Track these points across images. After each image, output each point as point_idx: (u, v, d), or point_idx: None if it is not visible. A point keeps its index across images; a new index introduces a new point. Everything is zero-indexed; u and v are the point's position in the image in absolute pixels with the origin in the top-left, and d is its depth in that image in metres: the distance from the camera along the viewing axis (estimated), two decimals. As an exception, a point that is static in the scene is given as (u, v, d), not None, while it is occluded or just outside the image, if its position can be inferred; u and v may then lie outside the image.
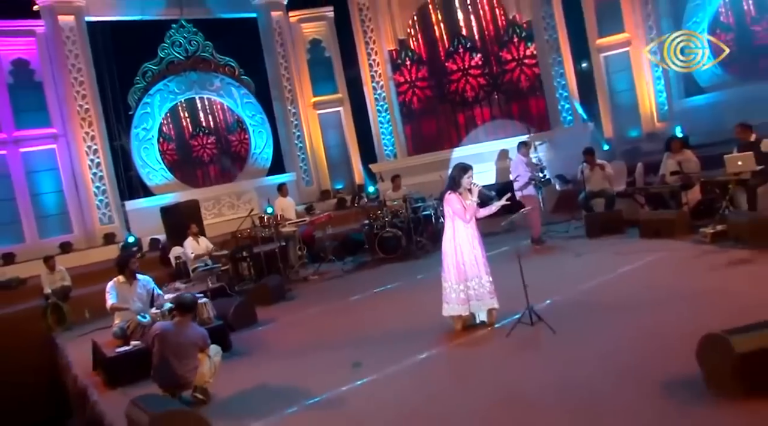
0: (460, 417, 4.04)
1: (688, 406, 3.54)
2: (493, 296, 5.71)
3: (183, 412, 4.31)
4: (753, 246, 6.83)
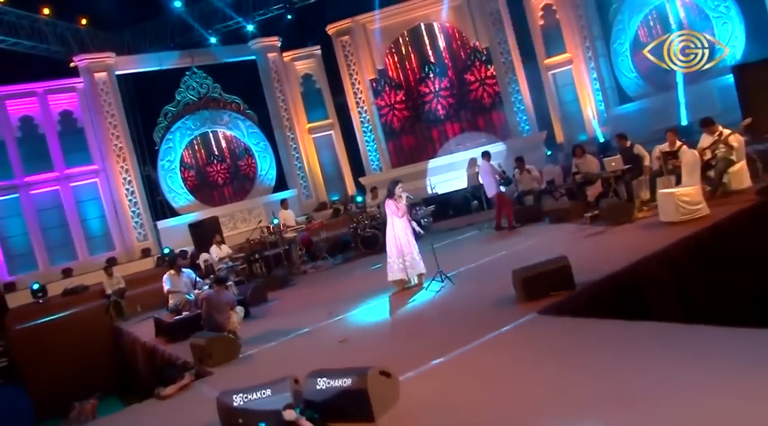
0: (395, 328, 7.01)
1: (504, 306, 6.44)
2: (421, 265, 8.65)
3: (223, 337, 7.30)
4: (609, 223, 9.71)
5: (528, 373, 4.61)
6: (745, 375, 3.57)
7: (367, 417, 4.20)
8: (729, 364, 3.82)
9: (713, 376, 3.69)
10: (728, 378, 3.60)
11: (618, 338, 4.90)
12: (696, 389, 3.58)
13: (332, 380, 4.39)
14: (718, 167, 9.67)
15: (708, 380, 3.65)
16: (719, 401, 3.37)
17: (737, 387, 3.48)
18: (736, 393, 3.41)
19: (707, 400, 3.41)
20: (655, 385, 3.73)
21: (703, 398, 3.45)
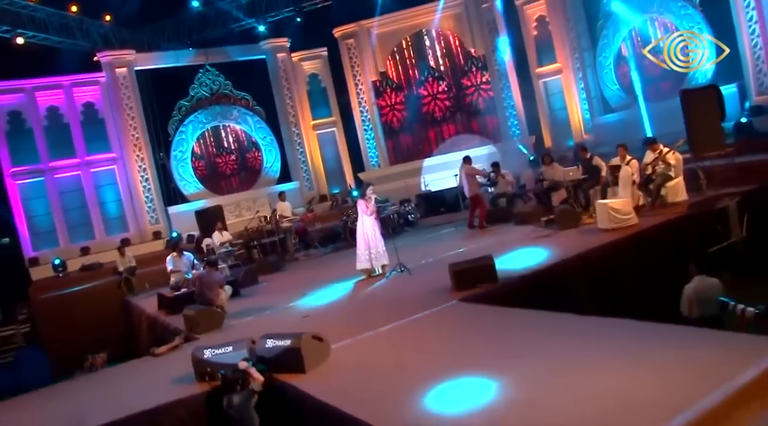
0: (348, 306, 8.42)
1: (438, 294, 7.79)
2: (385, 257, 10.03)
3: (211, 310, 8.75)
4: (560, 227, 11.00)
5: (436, 344, 5.99)
6: (613, 356, 4.62)
7: (300, 369, 5.61)
8: (603, 346, 4.86)
9: (587, 352, 4.79)
10: (601, 357, 4.64)
11: (520, 322, 6.19)
12: (567, 357, 4.75)
13: (277, 341, 5.81)
14: (657, 182, 10.92)
15: (581, 355, 4.75)
16: (588, 371, 4.47)
17: (609, 364, 4.51)
18: (609, 370, 4.41)
19: (576, 367, 4.56)
20: (537, 352, 5.00)
21: (573, 365, 4.60)
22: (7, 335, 15.22)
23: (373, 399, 4.75)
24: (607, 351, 4.77)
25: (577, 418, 3.75)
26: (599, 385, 4.17)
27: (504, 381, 4.55)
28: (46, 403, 6.73)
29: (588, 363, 4.59)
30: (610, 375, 4.29)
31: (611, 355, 4.65)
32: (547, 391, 4.25)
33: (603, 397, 3.98)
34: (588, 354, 4.77)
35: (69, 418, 5.48)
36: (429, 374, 4.98)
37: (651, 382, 4.01)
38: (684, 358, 4.27)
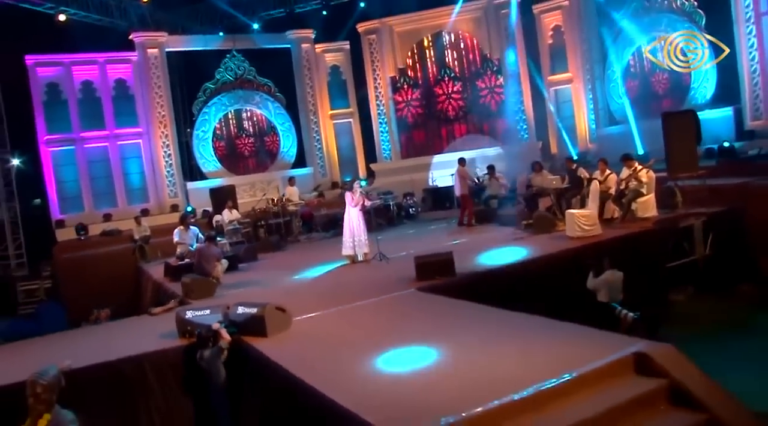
0: (322, 286, 9.46)
1: (401, 282, 8.77)
2: (367, 246, 11.04)
3: (205, 280, 9.85)
4: (535, 232, 11.88)
5: (385, 323, 6.99)
6: (515, 340, 5.67)
7: (263, 334, 6.66)
8: (511, 333, 5.92)
9: (499, 336, 5.87)
10: (507, 340, 5.70)
11: (460, 311, 7.11)
12: (485, 338, 5.81)
13: (246, 308, 6.86)
14: (628, 197, 11.71)
15: (495, 337, 5.82)
16: (495, 348, 5.61)
17: (509, 345, 5.60)
18: (507, 350, 5.48)
19: (488, 345, 5.65)
20: (465, 333, 6.02)
21: (486, 344, 5.69)
22: (32, 289, 16.71)
23: (316, 362, 5.77)
24: (512, 336, 5.79)
25: (482, 375, 4.88)
26: (498, 358, 5.23)
27: (440, 350, 5.60)
28: (52, 345, 7.91)
29: (497, 343, 5.65)
30: (507, 353, 5.31)
31: (513, 339, 5.69)
32: (467, 358, 5.32)
33: (498, 366, 5.06)
34: (500, 337, 5.83)
35: (66, 357, 6.57)
36: (376, 344, 5.99)
37: (528, 361, 5.00)
38: (558, 347, 5.23)
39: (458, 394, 4.53)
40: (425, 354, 5.56)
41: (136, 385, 6.41)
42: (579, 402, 4.45)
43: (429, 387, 4.77)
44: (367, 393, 4.72)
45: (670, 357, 4.69)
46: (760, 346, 8.65)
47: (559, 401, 4.45)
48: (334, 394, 4.63)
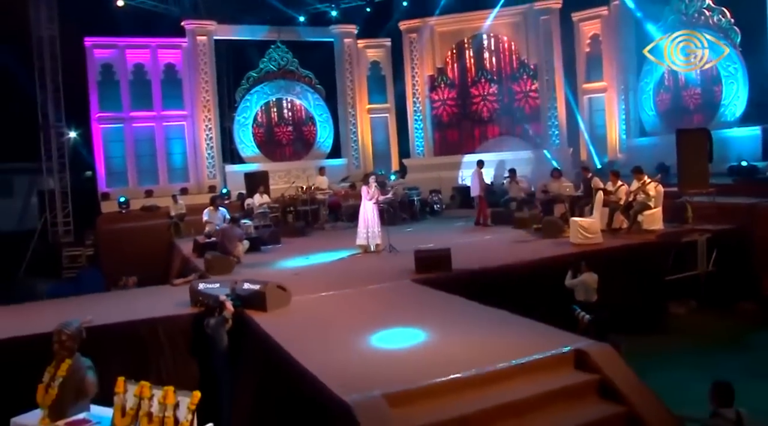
0: (331, 271, 10.21)
1: (401, 273, 9.45)
2: (379, 238, 11.75)
3: (225, 258, 10.72)
4: (543, 236, 12.38)
5: (374, 307, 7.69)
6: (488, 330, 6.40)
7: (263, 308, 7.44)
8: (488, 325, 6.58)
9: (478, 326, 6.59)
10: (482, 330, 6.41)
11: (448, 303, 7.74)
12: (465, 327, 6.46)
13: (251, 285, 7.66)
14: (635, 209, 12.10)
15: (475, 327, 6.55)
16: (472, 337, 6.33)
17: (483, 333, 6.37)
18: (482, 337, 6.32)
19: (467, 333, 6.37)
20: (449, 321, 6.68)
21: (466, 332, 6.40)
22: (75, 255, 18.02)
23: (301, 335, 6.51)
24: (479, 326, 6.47)
25: (441, 356, 5.57)
26: (460, 343, 5.91)
27: (413, 333, 6.31)
28: (83, 304, 8.86)
29: (464, 331, 6.31)
30: (469, 340, 5.97)
31: (479, 329, 6.37)
32: (433, 342, 6.06)
33: (458, 349, 5.74)
34: (468, 326, 6.49)
35: (93, 315, 7.46)
36: (358, 325, 6.72)
37: (485, 347, 5.67)
38: (514, 338, 5.86)
39: (414, 369, 5.21)
40: (400, 335, 6.26)
41: (149, 345, 7.28)
42: (519, 385, 5.08)
43: (392, 362, 5.47)
44: (336, 363, 5.43)
45: (605, 356, 5.26)
46: (748, 361, 9.06)
47: (502, 383, 5.09)
48: (307, 362, 5.36)
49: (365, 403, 4.37)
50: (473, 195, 15.32)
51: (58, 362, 5.98)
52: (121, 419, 5.58)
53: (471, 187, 15.40)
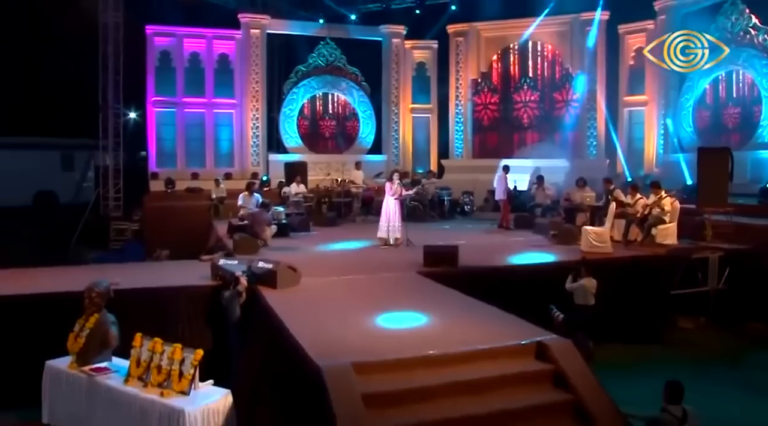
0: (348, 258, 10.91)
1: (410, 265, 10.06)
2: (399, 232, 12.39)
3: (252, 239, 11.54)
4: (558, 242, 12.79)
5: (374, 292, 8.35)
6: (478, 320, 7.08)
7: (273, 286, 8.19)
8: (477, 316, 7.31)
9: (472, 316, 7.24)
10: (473, 319, 7.12)
11: (438, 294, 8.37)
12: (460, 314, 7.15)
13: (265, 264, 8.42)
14: (650, 222, 12.39)
15: (467, 316, 7.20)
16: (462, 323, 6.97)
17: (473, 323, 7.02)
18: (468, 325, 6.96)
19: (460, 319, 7.02)
20: (447, 309, 7.32)
21: (460, 318, 7.06)
22: (122, 228, 19.27)
23: (301, 310, 7.23)
24: (462, 316, 7.03)
25: (420, 336, 6.18)
26: (440, 328, 6.51)
27: (413, 317, 6.96)
28: (120, 270, 9.77)
29: (447, 319, 6.91)
30: (449, 326, 6.57)
31: (462, 318, 6.94)
32: (430, 324, 6.71)
33: (436, 332, 6.31)
34: (452, 316, 7.08)
35: (125, 281, 8.35)
36: (354, 306, 7.41)
37: (460, 332, 6.26)
38: (488, 327, 6.44)
39: (389, 345, 5.86)
40: (389, 317, 6.91)
41: (169, 310, 8.12)
42: (481, 367, 5.67)
43: (372, 338, 6.13)
44: (322, 336, 6.10)
45: (563, 350, 5.78)
46: (744, 378, 9.34)
47: (466, 364, 5.68)
48: (297, 332, 6.06)
49: (334, 369, 5.04)
50: (497, 198, 15.80)
51: (87, 316, 6.88)
52: (135, 369, 6.43)
53: (495, 190, 15.89)
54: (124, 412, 6.16)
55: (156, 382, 6.13)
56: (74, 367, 6.76)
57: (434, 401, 5.18)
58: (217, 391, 6.12)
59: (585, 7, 21.37)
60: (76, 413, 6.66)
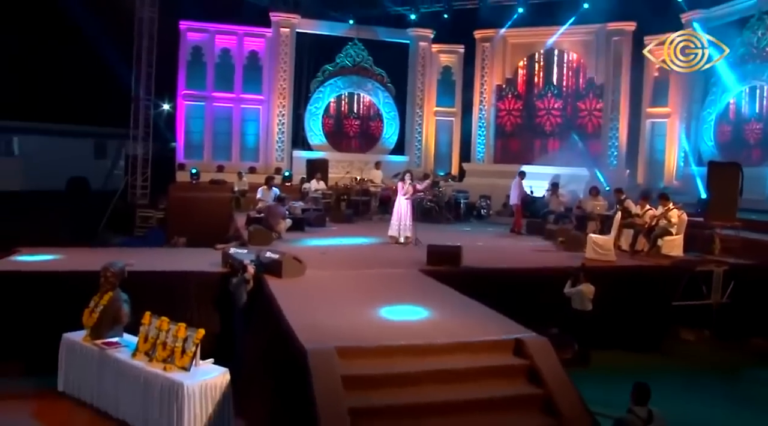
0: (357, 254, 11.33)
1: (414, 263, 10.41)
2: (409, 231, 12.75)
3: (266, 231, 12.03)
4: (565, 248, 13.02)
5: (377, 286, 8.74)
6: (472, 315, 7.47)
7: (278, 275, 8.63)
8: (471, 313, 7.70)
9: (465, 312, 7.62)
10: (467, 315, 7.52)
11: (435, 291, 8.71)
12: (455, 310, 7.55)
13: (272, 254, 8.87)
14: (656, 233, 12.53)
15: (461, 312, 7.60)
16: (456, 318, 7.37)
17: (467, 317, 7.41)
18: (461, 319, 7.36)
19: (453, 313, 7.42)
20: (444, 304, 7.70)
21: (454, 312, 7.46)
22: (147, 216, 19.99)
23: (300, 298, 7.65)
24: (452, 313, 7.35)
25: (421, 327, 6.55)
26: (429, 321, 6.85)
27: (420, 311, 7.34)
28: (139, 255, 10.36)
29: (437, 313, 7.25)
30: (436, 319, 6.92)
31: (451, 315, 7.27)
32: (419, 318, 7.06)
33: (423, 324, 6.66)
34: (442, 310, 7.40)
35: (141, 264, 8.89)
36: (352, 298, 7.81)
37: (447, 326, 6.61)
38: (474, 322, 6.79)
39: (376, 334, 6.25)
40: (382, 310, 7.29)
41: (179, 292, 8.62)
42: (460, 359, 6.03)
43: (362, 327, 6.53)
44: (314, 322, 6.52)
45: (539, 347, 6.10)
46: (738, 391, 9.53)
47: (448, 354, 6.06)
48: (291, 318, 6.49)
49: (318, 351, 5.45)
50: (511, 203, 16.06)
51: (102, 293, 7.43)
52: (143, 344, 6.95)
53: (510, 195, 16.15)
54: (131, 383, 6.68)
55: (161, 357, 6.64)
56: (88, 340, 7.32)
57: (411, 387, 5.56)
58: (215, 369, 6.60)
59: (611, 18, 21.43)
60: (87, 382, 7.21)
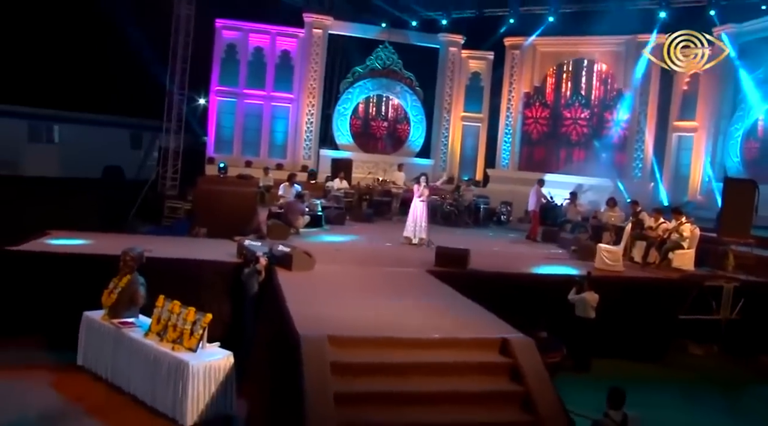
0: (370, 251, 11.70)
1: (423, 264, 10.75)
2: (424, 232, 13.08)
3: (284, 226, 12.47)
4: (577, 257, 13.18)
5: (382, 282, 9.10)
6: (462, 313, 7.79)
7: (288, 267, 9.05)
8: (463, 312, 8.01)
9: (459, 311, 7.95)
10: (459, 312, 7.83)
11: (437, 290, 9.05)
12: (449, 308, 7.89)
13: (284, 248, 9.30)
14: (667, 246, 12.65)
15: (456, 311, 7.92)
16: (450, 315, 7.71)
17: (460, 315, 7.75)
18: (456, 317, 7.70)
19: (448, 310, 7.75)
20: (441, 303, 8.07)
21: (450, 310, 7.79)
22: (176, 207, 20.67)
23: (305, 289, 8.05)
24: (448, 312, 7.68)
25: (415, 323, 6.86)
26: (423, 317, 7.18)
27: (417, 307, 7.70)
28: (161, 242, 10.89)
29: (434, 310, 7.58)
30: (432, 316, 7.25)
31: (448, 313, 7.59)
32: (415, 314, 7.36)
33: (418, 320, 7.00)
34: (439, 309, 7.74)
35: (161, 251, 9.40)
36: (355, 291, 8.19)
37: (439, 322, 6.94)
38: (465, 320, 7.10)
39: (370, 326, 6.61)
40: (381, 305, 7.66)
41: (194, 279, 9.09)
42: (448, 354, 6.36)
43: (357, 319, 6.89)
44: (313, 312, 6.91)
45: (524, 347, 6.39)
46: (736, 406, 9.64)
47: (435, 349, 6.40)
48: (292, 306, 6.90)
49: (311, 338, 5.84)
50: (529, 210, 16.26)
51: (121, 276, 7.94)
52: (155, 325, 7.43)
53: (528, 202, 16.36)
54: (142, 360, 7.17)
55: (170, 338, 7.11)
56: (106, 319, 7.84)
57: (397, 377, 5.90)
58: (220, 352, 7.05)
59: (641, 29, 21.41)
60: (104, 358, 7.73)
